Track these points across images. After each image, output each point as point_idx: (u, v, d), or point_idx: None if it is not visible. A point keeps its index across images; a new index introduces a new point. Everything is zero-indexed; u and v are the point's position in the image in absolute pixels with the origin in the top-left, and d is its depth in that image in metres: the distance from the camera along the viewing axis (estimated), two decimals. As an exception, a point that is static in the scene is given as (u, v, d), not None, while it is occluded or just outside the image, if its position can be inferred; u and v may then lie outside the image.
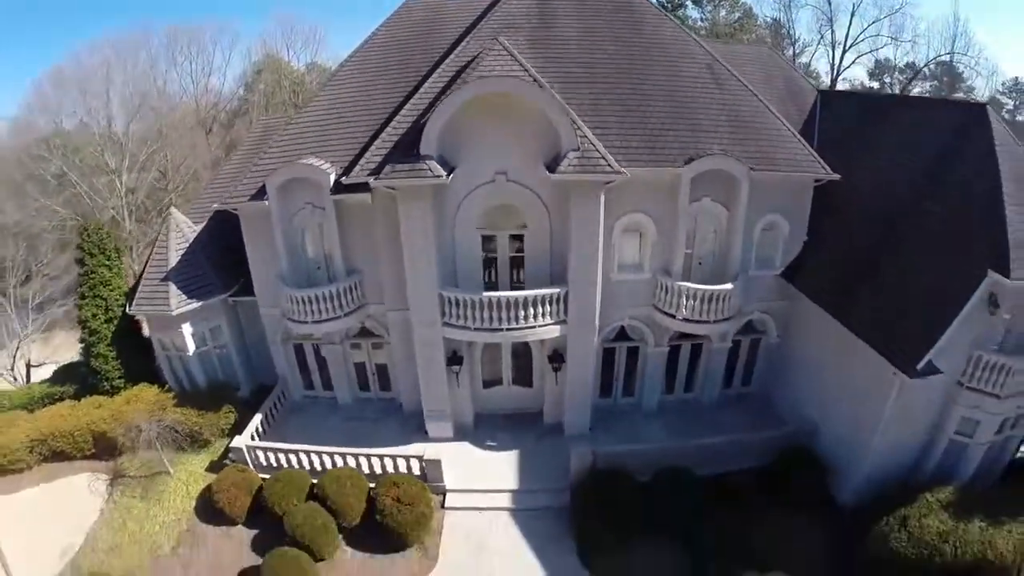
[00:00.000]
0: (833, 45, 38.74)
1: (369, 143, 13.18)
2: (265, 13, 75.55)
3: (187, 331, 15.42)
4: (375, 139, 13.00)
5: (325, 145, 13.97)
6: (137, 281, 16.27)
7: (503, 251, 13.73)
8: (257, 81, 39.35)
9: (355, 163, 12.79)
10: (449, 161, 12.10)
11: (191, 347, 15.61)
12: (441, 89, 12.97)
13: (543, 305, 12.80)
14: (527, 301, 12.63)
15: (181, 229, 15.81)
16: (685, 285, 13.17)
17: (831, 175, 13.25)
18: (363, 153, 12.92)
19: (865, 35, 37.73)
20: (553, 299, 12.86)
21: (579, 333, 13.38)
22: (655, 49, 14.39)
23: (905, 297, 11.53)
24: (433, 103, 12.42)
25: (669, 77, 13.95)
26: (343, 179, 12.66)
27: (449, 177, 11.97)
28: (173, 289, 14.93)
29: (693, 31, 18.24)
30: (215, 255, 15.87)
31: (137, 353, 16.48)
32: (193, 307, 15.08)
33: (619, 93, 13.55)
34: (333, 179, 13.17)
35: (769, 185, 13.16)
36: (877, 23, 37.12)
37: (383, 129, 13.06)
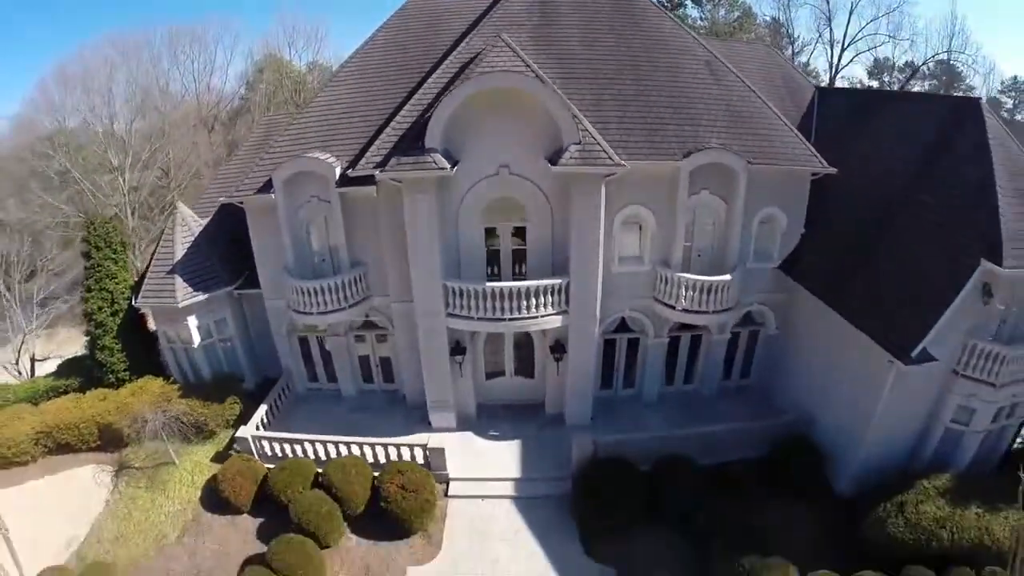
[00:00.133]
0: (832, 43, 38.79)
1: (374, 137, 13.34)
2: (267, 12, 75.72)
3: (193, 323, 15.56)
4: (380, 133, 13.16)
5: (330, 140, 14.15)
6: (143, 275, 16.42)
7: (505, 243, 13.91)
8: (258, 80, 39.52)
9: (360, 156, 12.96)
10: (453, 155, 12.27)
11: (196, 339, 15.75)
12: (445, 85, 13.12)
13: (545, 295, 12.97)
14: (529, 291, 12.80)
15: (187, 223, 15.96)
16: (684, 276, 13.32)
17: (827, 169, 13.42)
18: (368, 147, 13.09)
19: (863, 33, 37.86)
20: (555, 289, 13.03)
21: (580, 323, 13.54)
22: (654, 46, 14.58)
23: (900, 287, 11.71)
24: (437, 98, 12.56)
25: (668, 73, 14.15)
26: (349, 172, 12.84)
27: (453, 170, 12.16)
28: (179, 282, 15.08)
29: (692, 30, 18.46)
30: (220, 249, 16.03)
31: (142, 347, 16.61)
32: (199, 299, 15.24)
33: (619, 88, 13.74)
34: (338, 172, 13.35)
35: (766, 178, 13.35)
36: (875, 21, 37.31)
37: (388, 124, 13.22)
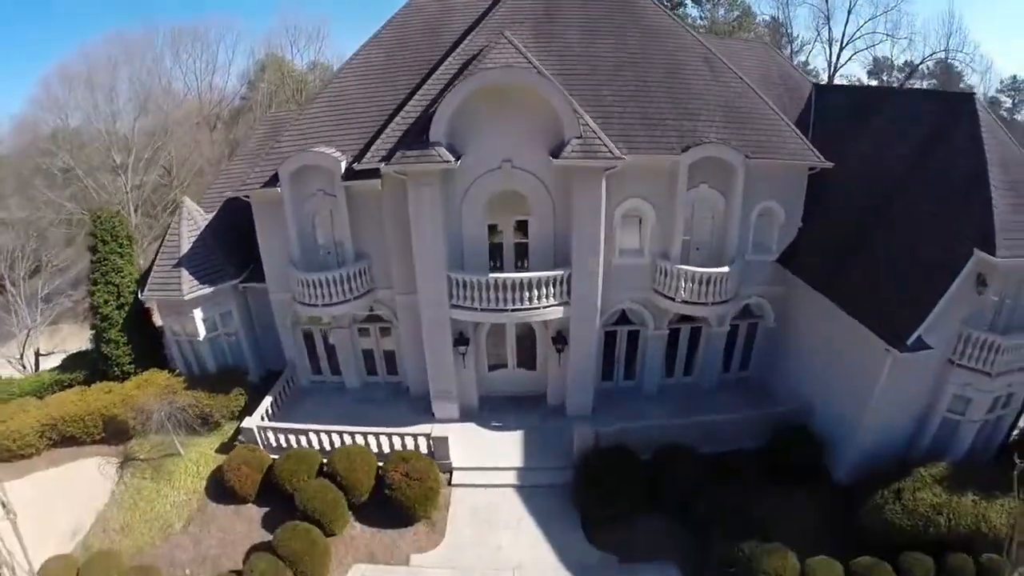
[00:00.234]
0: (830, 42, 39.15)
1: (379, 132, 13.50)
2: (269, 11, 75.77)
3: (198, 316, 15.70)
4: (385, 128, 13.33)
5: (336, 134, 14.33)
6: (148, 269, 16.56)
7: (508, 237, 14.12)
8: (260, 79, 39.76)
9: (366, 151, 13.13)
10: (457, 149, 12.45)
11: (202, 332, 15.89)
12: (448, 80, 13.31)
13: (547, 287, 13.15)
14: (531, 283, 12.99)
15: (193, 217, 16.13)
16: (684, 268, 13.52)
17: (824, 163, 13.62)
18: (373, 141, 13.25)
19: (862, 32, 38.20)
20: (556, 281, 13.21)
21: (582, 314, 13.72)
22: (654, 43, 14.81)
23: (896, 277, 11.92)
24: (441, 93, 12.74)
25: (668, 69, 14.38)
26: (355, 165, 13.01)
27: (457, 163, 12.36)
28: (185, 275, 15.23)
29: (692, 29, 18.71)
30: (226, 243, 16.18)
31: (147, 341, 16.74)
32: (205, 292, 15.38)
33: (619, 84, 13.96)
34: (344, 166, 13.54)
35: (764, 172, 13.56)
36: (873, 20, 37.75)
37: (392, 119, 13.39)
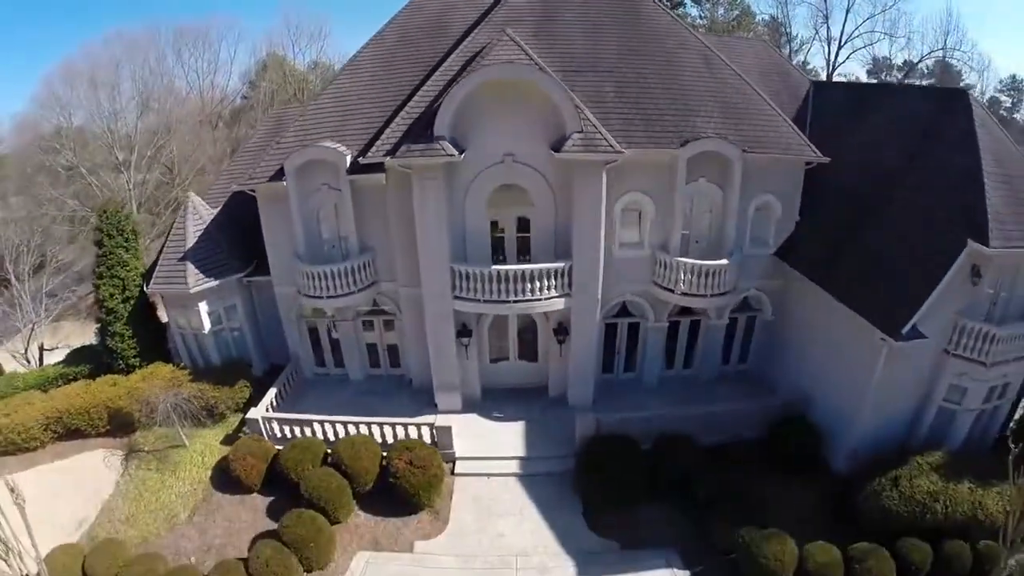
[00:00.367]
0: (829, 41, 39.42)
1: (383, 127, 13.71)
2: (271, 11, 75.85)
3: (203, 309, 15.87)
4: (389, 123, 13.53)
5: (340, 130, 14.53)
6: (154, 263, 16.74)
7: (510, 231, 14.31)
8: (261, 79, 39.96)
9: (370, 145, 13.34)
10: (460, 143, 12.66)
11: (207, 325, 16.05)
12: (452, 77, 13.51)
13: (548, 278, 13.35)
14: (533, 274, 13.19)
15: (198, 211, 16.30)
16: (683, 260, 13.73)
17: (821, 158, 13.86)
18: (378, 136, 13.47)
19: (860, 31, 38.42)
20: (558, 273, 13.41)
21: (583, 305, 13.93)
22: (653, 40, 15.06)
23: (892, 268, 12.13)
24: (445, 89, 12.96)
25: (667, 66, 14.61)
26: (360, 159, 13.23)
27: (461, 156, 12.56)
28: (191, 268, 15.39)
29: (691, 27, 18.99)
30: (231, 237, 16.35)
31: (152, 335, 16.85)
32: (210, 285, 15.54)
33: (619, 80, 14.19)
34: (349, 161, 13.74)
35: (761, 167, 13.81)
36: (871, 19, 37.92)
37: (397, 114, 13.60)
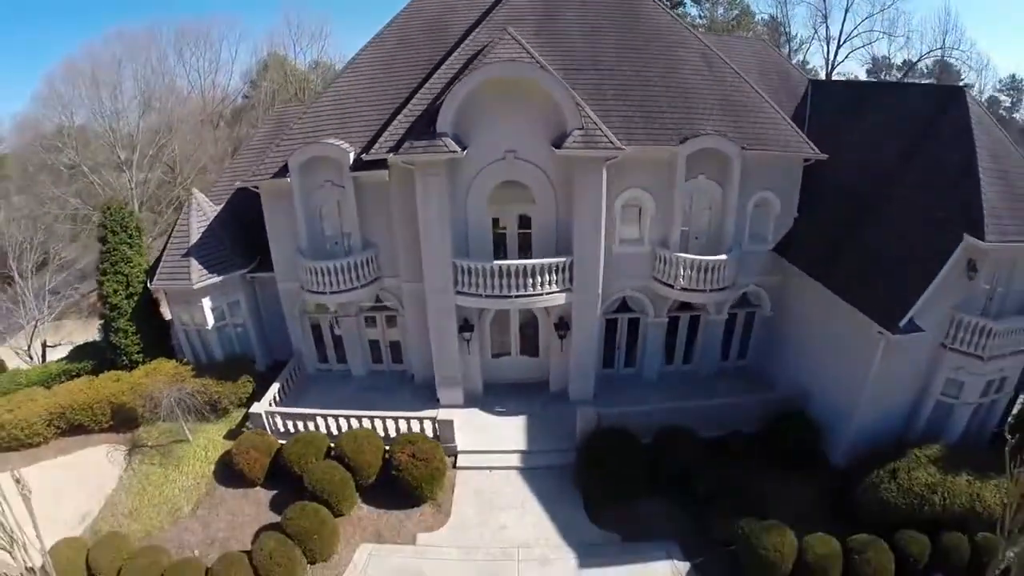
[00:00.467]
0: (828, 40, 39.63)
1: (386, 124, 13.85)
2: (272, 10, 75.87)
3: (207, 305, 15.97)
4: (392, 120, 13.68)
5: (343, 127, 14.68)
6: (157, 260, 16.84)
7: (511, 228, 14.43)
8: (262, 78, 40.10)
9: (373, 142, 13.50)
10: (463, 140, 12.79)
11: (210, 321, 16.14)
12: (454, 75, 13.66)
13: (550, 274, 13.48)
14: (534, 269, 13.32)
15: (202, 208, 16.41)
16: (682, 256, 13.89)
17: (819, 155, 14.02)
18: (381, 133, 13.63)
19: (859, 31, 38.62)
20: (559, 268, 13.54)
21: (584, 300, 14.05)
22: (653, 38, 15.22)
23: (888, 262, 12.26)
24: (447, 87, 13.11)
25: (666, 64, 14.78)
26: (364, 156, 13.36)
27: (463, 153, 12.70)
28: (195, 264, 15.50)
29: (690, 26, 19.15)
30: (234, 233, 16.48)
31: (155, 331, 16.93)
32: (214, 281, 15.64)
33: (619, 78, 14.36)
34: (352, 157, 13.87)
35: (760, 164, 13.97)
36: (870, 18, 38.13)
37: (400, 111, 13.75)
